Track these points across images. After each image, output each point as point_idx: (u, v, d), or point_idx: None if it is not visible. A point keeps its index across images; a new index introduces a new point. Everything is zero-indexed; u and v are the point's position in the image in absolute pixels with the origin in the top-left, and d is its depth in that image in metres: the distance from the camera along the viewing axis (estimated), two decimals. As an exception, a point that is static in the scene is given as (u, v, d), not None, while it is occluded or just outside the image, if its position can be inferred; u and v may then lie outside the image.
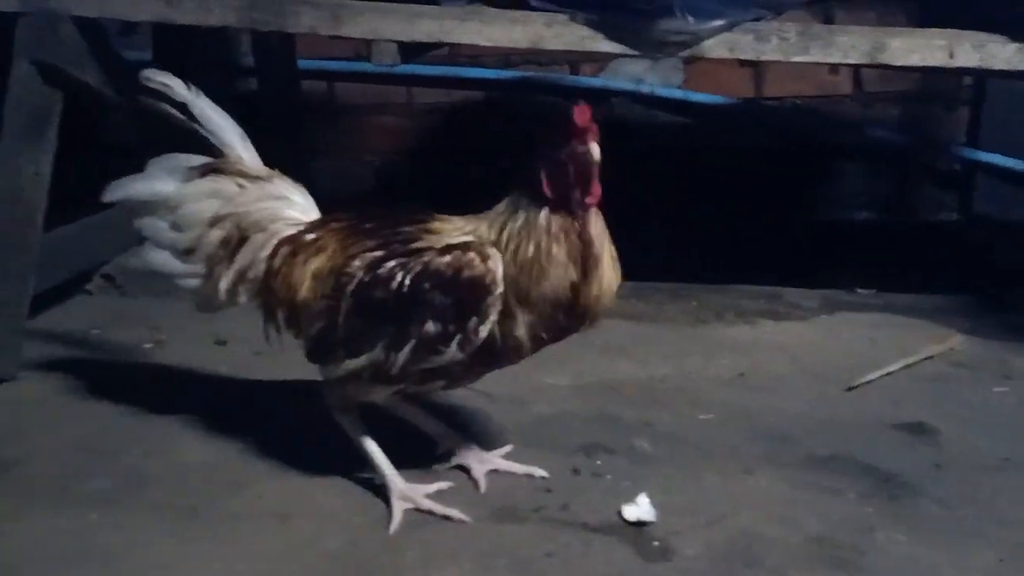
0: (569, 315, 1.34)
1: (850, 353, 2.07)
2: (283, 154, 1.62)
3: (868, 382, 1.91)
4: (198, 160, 1.51)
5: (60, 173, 2.00)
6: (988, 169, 2.97)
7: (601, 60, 3.18)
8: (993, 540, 1.35)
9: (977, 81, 2.96)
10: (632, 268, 2.46)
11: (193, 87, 1.52)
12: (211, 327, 2.10)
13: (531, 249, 1.30)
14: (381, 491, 1.46)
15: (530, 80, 3.23)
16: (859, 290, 2.51)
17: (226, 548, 1.35)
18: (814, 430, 1.70)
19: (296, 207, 1.51)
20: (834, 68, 3.09)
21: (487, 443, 1.61)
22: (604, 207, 1.36)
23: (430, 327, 1.31)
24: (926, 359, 2.01)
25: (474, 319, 1.30)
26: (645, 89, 3.17)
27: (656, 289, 2.50)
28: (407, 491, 1.45)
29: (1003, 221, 2.94)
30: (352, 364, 1.38)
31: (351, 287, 1.36)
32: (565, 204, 1.30)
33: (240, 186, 1.49)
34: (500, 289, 1.29)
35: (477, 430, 1.67)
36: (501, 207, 1.35)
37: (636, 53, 1.88)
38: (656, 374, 1.97)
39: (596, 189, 1.31)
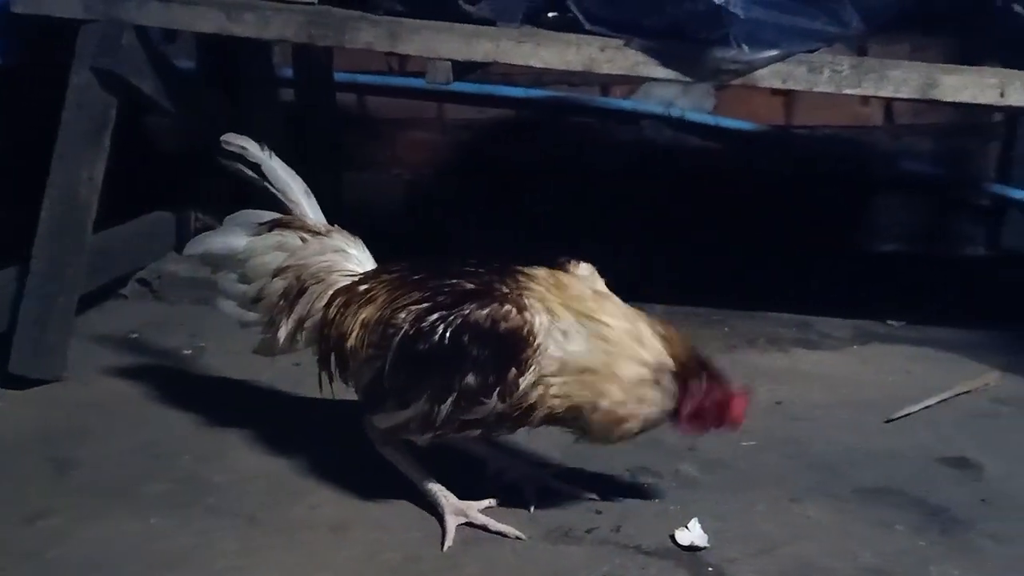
0: None
1: (886, 385, 2.08)
2: (318, 166, 1.66)
3: (907, 415, 1.92)
4: (268, 216, 1.59)
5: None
6: (1017, 205, 2.99)
7: (633, 82, 3.21)
8: (1048, 577, 1.36)
9: (1009, 117, 2.99)
10: (663, 292, 2.51)
11: (266, 148, 1.60)
12: (249, 337, 2.10)
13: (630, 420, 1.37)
14: (435, 508, 1.47)
15: (561, 100, 3.25)
16: (889, 321, 2.52)
17: (288, 557, 1.36)
18: (859, 461, 1.71)
19: (352, 259, 1.57)
20: (865, 99, 3.10)
21: (533, 463, 1.62)
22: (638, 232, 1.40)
23: (471, 379, 1.33)
24: (963, 393, 2.02)
25: (513, 370, 1.31)
26: (675, 113, 3.19)
27: (687, 314, 2.51)
28: (460, 506, 1.46)
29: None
30: (402, 415, 1.41)
31: (397, 339, 1.38)
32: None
33: (303, 240, 1.56)
34: (539, 341, 1.31)
35: (522, 450, 1.68)
36: None
37: (689, 80, 1.90)
38: (693, 399, 1.97)
39: None
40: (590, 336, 1.35)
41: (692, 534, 1.42)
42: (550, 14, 2.03)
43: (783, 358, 2.24)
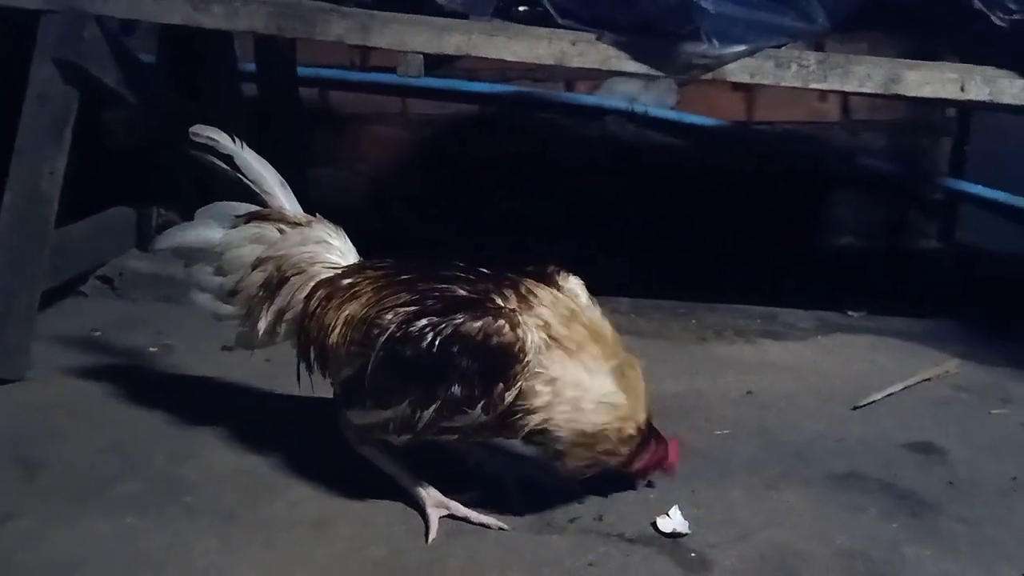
0: None
1: (851, 373, 2.12)
2: (282, 162, 1.63)
3: (872, 402, 1.96)
4: (243, 208, 1.56)
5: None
6: (970, 199, 3.07)
7: (597, 78, 3.23)
8: (1015, 556, 1.40)
9: (961, 113, 3.07)
10: (629, 285, 2.53)
11: (238, 140, 1.56)
12: (216, 333, 2.06)
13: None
14: (416, 502, 1.47)
15: (525, 95, 3.26)
16: (850, 312, 2.57)
17: (270, 554, 1.35)
18: (829, 448, 1.74)
19: (335, 251, 1.55)
20: (823, 95, 3.17)
21: (512, 455, 1.62)
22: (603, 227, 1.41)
23: (456, 390, 1.32)
24: (925, 381, 2.08)
25: (500, 385, 1.31)
26: (639, 109, 3.21)
27: (655, 307, 2.54)
28: (441, 498, 1.46)
29: (983, 249, 3.05)
30: (381, 415, 1.40)
31: (382, 339, 1.36)
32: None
33: (281, 231, 1.53)
34: (529, 357, 1.31)
35: (501, 443, 1.68)
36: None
37: (660, 74, 1.92)
38: (668, 390, 2.00)
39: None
40: (623, 381, 1.38)
41: (673, 521, 1.44)
42: (521, 8, 2.04)
43: (751, 349, 2.28)
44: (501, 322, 1.31)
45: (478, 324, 1.31)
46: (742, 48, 1.87)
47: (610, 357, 1.39)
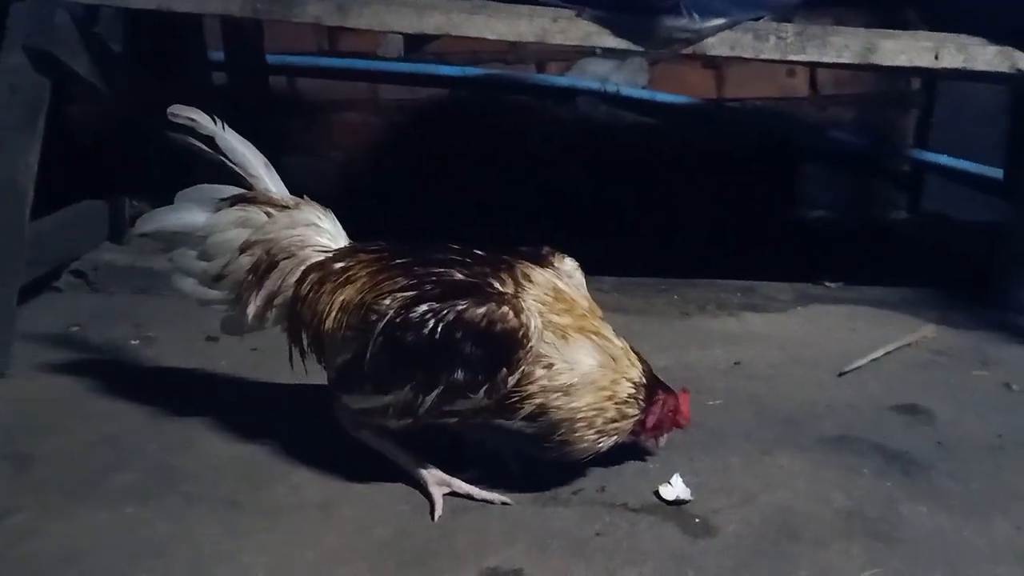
0: None
1: (832, 341, 2.16)
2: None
3: (856, 368, 2.00)
4: (228, 191, 1.52)
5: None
6: (936, 169, 3.13)
7: (569, 58, 3.23)
8: (1007, 510, 1.44)
9: (927, 85, 3.13)
10: (610, 264, 2.54)
11: (219, 120, 1.52)
12: (199, 324, 2.05)
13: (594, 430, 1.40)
14: (418, 482, 1.47)
15: (496, 78, 3.24)
16: (827, 283, 2.61)
17: (276, 537, 1.34)
18: (819, 413, 1.77)
19: (325, 234, 1.52)
20: (791, 70, 3.21)
21: (512, 432, 1.62)
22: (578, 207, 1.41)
23: (459, 375, 1.32)
24: (905, 346, 2.12)
25: (504, 370, 1.31)
26: (611, 89, 3.22)
27: (637, 284, 2.55)
28: (442, 476, 1.46)
29: (948, 218, 3.11)
30: (380, 400, 1.39)
31: (380, 325, 1.35)
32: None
33: (268, 214, 1.50)
34: (532, 343, 1.31)
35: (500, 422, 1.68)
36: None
37: (641, 50, 1.93)
38: (657, 363, 1.97)
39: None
40: (602, 355, 1.38)
41: (676, 489, 1.45)
42: (500, -15, 2.03)
43: (734, 322, 2.30)
44: (505, 308, 1.31)
45: (481, 310, 1.30)
46: (722, 21, 1.89)
47: (589, 332, 1.40)
